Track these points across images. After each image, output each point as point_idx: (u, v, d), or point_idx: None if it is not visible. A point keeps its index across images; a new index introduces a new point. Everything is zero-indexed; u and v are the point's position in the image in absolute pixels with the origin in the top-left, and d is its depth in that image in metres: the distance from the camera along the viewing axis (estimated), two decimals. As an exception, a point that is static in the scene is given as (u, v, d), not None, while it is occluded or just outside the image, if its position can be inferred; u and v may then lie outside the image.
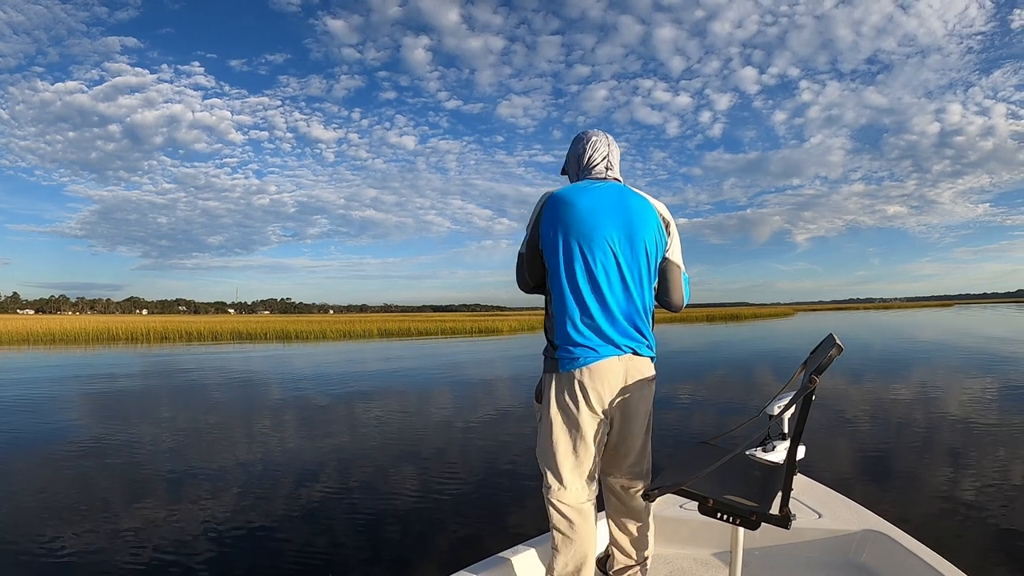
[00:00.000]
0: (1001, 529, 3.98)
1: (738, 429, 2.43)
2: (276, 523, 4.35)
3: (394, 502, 4.82)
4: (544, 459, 2.07)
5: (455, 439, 7.14)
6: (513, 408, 9.37)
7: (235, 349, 25.85)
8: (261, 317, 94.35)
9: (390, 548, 3.95)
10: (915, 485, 4.97)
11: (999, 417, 7.69)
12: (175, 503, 4.82)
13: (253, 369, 16.73)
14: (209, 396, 11.21)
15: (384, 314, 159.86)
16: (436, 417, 8.75)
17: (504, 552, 2.41)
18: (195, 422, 8.47)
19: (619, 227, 1.99)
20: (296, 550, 3.89)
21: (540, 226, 2.02)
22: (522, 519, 4.36)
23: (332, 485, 5.29)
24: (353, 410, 9.44)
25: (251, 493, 5.04)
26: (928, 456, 5.90)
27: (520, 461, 5.95)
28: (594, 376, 1.97)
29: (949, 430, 6.99)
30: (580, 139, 2.21)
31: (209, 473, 5.68)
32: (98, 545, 3.96)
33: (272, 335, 34.95)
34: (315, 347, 26.97)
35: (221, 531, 4.19)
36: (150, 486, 5.34)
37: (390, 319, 56.90)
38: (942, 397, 9.43)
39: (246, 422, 8.42)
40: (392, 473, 5.66)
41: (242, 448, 6.76)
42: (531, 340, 30.75)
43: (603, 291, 1.97)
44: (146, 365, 18.55)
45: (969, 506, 4.42)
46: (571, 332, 1.97)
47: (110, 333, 34.52)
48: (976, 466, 5.46)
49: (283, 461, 6.14)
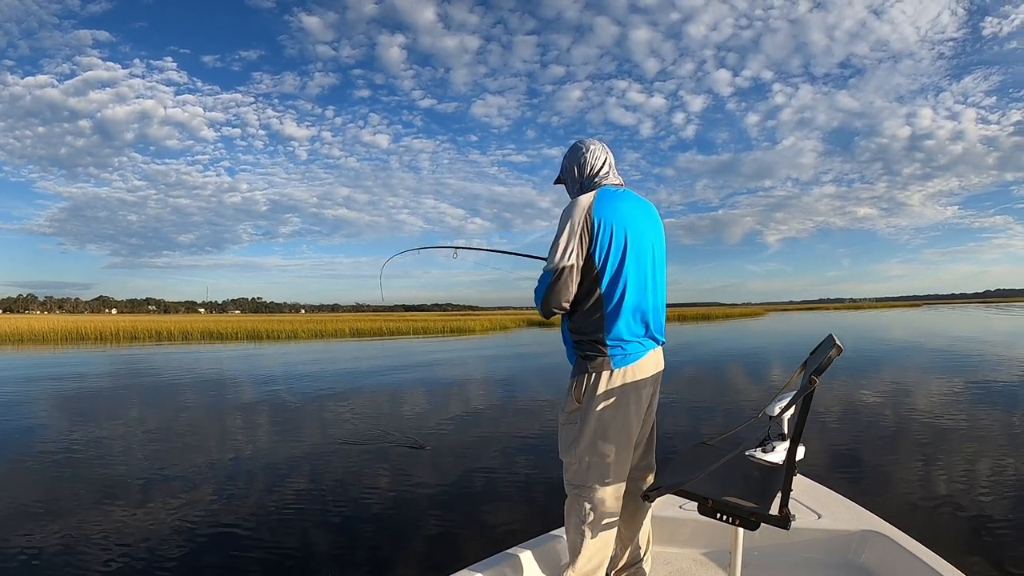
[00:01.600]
0: (1000, 528, 3.98)
1: (737, 430, 2.44)
2: (239, 525, 4.32)
3: (379, 501, 4.82)
4: (587, 458, 2.05)
5: (430, 439, 7.11)
6: (488, 408, 9.43)
7: (206, 349, 25.43)
8: (232, 316, 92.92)
9: (374, 549, 3.95)
10: (907, 483, 4.99)
11: (969, 416, 7.85)
12: (146, 504, 4.76)
13: (223, 369, 16.50)
14: (178, 397, 11.03)
15: (356, 314, 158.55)
16: (408, 418, 8.71)
17: (504, 552, 2.40)
18: (164, 424, 8.34)
19: (652, 232, 2.15)
20: (266, 550, 3.87)
21: (594, 231, 2.00)
22: (508, 519, 4.39)
23: (304, 487, 5.27)
24: (323, 411, 9.38)
25: (220, 495, 5.01)
26: (906, 451, 6.00)
27: (502, 460, 6.00)
28: (642, 370, 2.06)
29: (922, 428, 7.10)
30: (579, 149, 2.23)
31: (175, 475, 5.61)
32: (59, 546, 3.89)
33: (243, 335, 34.45)
34: (286, 347, 26.68)
35: (193, 533, 4.15)
36: (114, 487, 5.25)
37: (362, 319, 56.44)
38: (917, 396, 9.58)
39: (211, 425, 8.32)
40: (373, 473, 5.65)
41: (207, 452, 6.69)
42: (502, 340, 30.78)
43: (647, 290, 2.08)
44: (114, 365, 18.16)
45: (968, 505, 4.43)
46: (623, 330, 2.02)
47: (79, 333, 33.71)
48: (958, 462, 5.54)
49: (252, 463, 6.09)
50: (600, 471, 2.03)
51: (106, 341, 31.34)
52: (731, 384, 12.01)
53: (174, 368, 16.70)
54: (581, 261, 2.01)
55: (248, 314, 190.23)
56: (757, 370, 14.43)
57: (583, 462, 2.05)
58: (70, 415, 9.36)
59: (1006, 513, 4.27)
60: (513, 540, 2.55)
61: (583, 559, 2.04)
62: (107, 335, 33.02)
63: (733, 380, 12.64)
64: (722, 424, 7.48)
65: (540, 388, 11.86)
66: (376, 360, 19.18)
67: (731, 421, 7.75)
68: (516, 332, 39.90)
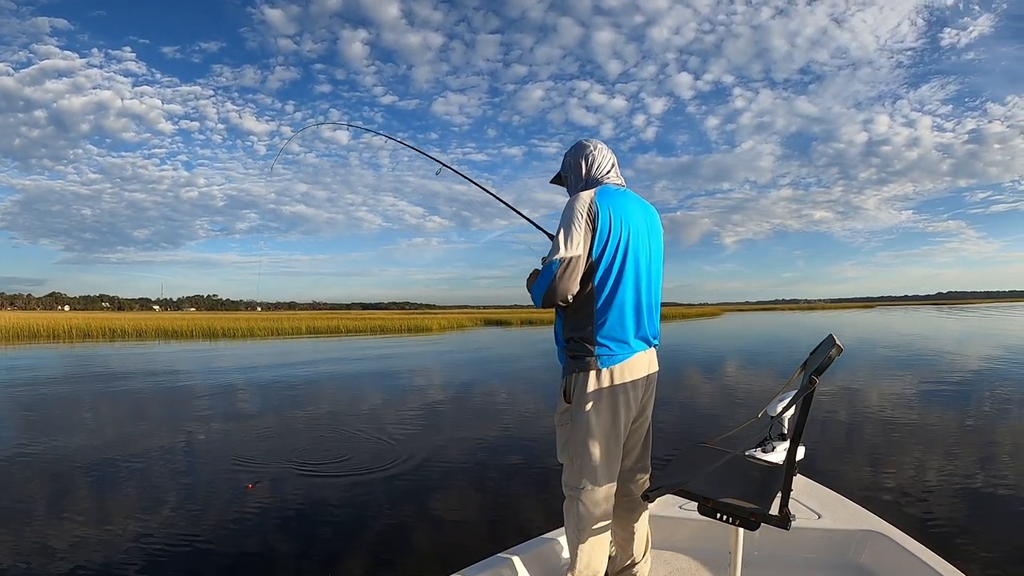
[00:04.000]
0: (1000, 528, 3.96)
1: (737, 430, 2.42)
2: (203, 532, 4.31)
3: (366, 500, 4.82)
4: (577, 457, 2.03)
5: (375, 442, 7.11)
6: (457, 411, 9.45)
7: (161, 347, 24.68)
8: (187, 314, 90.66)
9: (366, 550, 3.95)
10: (908, 483, 4.93)
11: (961, 414, 8.01)
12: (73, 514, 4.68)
13: (178, 369, 16.11)
14: (134, 398, 10.75)
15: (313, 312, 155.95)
16: (362, 421, 8.67)
17: (504, 552, 2.37)
18: (126, 428, 8.17)
19: (649, 233, 2.12)
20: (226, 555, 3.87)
21: (596, 228, 1.97)
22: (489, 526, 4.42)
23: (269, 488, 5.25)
24: (282, 409, 9.28)
25: (181, 506, 4.97)
26: (906, 451, 6.00)
27: (476, 462, 6.08)
28: (632, 371, 2.02)
29: (922, 427, 7.08)
30: (583, 148, 2.20)
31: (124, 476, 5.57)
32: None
33: (198, 333, 33.50)
34: (243, 345, 26.08)
35: (154, 539, 4.13)
36: (69, 490, 5.15)
37: (319, 317, 55.86)
38: (887, 397, 9.60)
39: (166, 424, 8.17)
40: (354, 475, 5.66)
41: (151, 449, 6.60)
42: (460, 339, 30.69)
43: (640, 291, 2.05)
44: (67, 364, 17.48)
45: (968, 504, 4.42)
46: (613, 328, 1.98)
47: (31, 330, 32.62)
48: (958, 462, 5.51)
49: (204, 468, 6.03)
50: (590, 472, 2.00)
51: (59, 339, 30.23)
52: (687, 388, 12.12)
53: (127, 368, 16.17)
54: (586, 252, 1.97)
55: (204, 312, 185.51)
56: (712, 372, 14.65)
57: (574, 463, 2.04)
58: (15, 416, 8.93)
59: (1006, 513, 4.25)
60: (512, 541, 2.53)
61: (582, 561, 2.03)
62: (60, 333, 31.92)
63: (690, 384, 12.75)
64: (736, 424, 7.45)
65: (510, 391, 11.89)
66: (332, 362, 19.01)
67: (742, 421, 7.67)
68: (474, 331, 39.82)
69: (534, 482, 5.29)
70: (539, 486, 5.11)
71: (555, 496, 2.23)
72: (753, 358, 17.25)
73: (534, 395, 10.61)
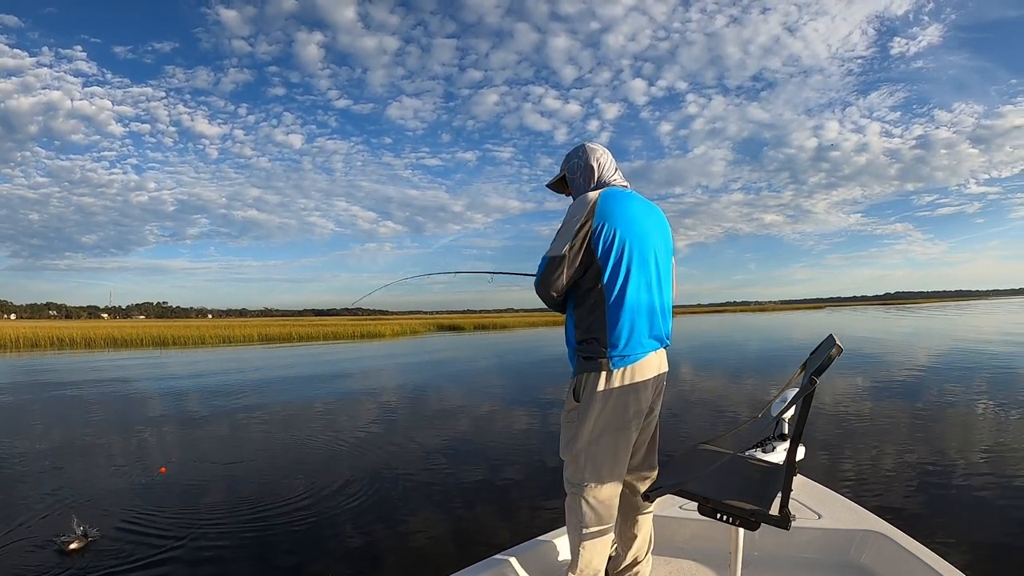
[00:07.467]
0: (1000, 528, 3.94)
1: (737, 430, 2.46)
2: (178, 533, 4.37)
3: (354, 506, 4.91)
4: (584, 456, 1.99)
5: (325, 449, 7.25)
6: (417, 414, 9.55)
7: (110, 357, 23.95)
8: (136, 322, 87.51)
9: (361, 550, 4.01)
10: (908, 483, 4.87)
11: (966, 412, 8.03)
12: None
13: (129, 378, 15.68)
14: (85, 410, 10.54)
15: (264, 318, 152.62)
16: (316, 429, 8.68)
17: (504, 552, 2.35)
18: (81, 439, 8.03)
19: (659, 234, 2.09)
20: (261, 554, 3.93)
21: (596, 226, 1.94)
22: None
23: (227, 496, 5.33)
24: (235, 419, 9.26)
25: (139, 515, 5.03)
26: (905, 451, 5.83)
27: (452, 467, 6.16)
28: (643, 371, 1.98)
29: (921, 428, 6.96)
30: (591, 150, 2.15)
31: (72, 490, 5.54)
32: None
33: (148, 341, 32.57)
34: (193, 353, 25.48)
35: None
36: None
37: (271, 323, 54.73)
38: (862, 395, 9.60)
39: (117, 438, 8.05)
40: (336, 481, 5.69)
41: (103, 468, 6.59)
42: (413, 344, 30.52)
43: (652, 291, 2.01)
44: (12, 375, 16.94)
45: (968, 504, 4.40)
46: (625, 329, 1.94)
47: (-27, 341, 31.30)
48: (958, 461, 5.43)
49: (159, 479, 6.00)
50: (596, 470, 1.97)
51: (5, 349, 29.04)
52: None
53: (76, 380, 15.73)
54: (580, 253, 1.95)
55: (153, 319, 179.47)
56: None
57: (580, 461, 2.00)
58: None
59: (1006, 513, 4.21)
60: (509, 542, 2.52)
61: (583, 560, 2.00)
62: (6, 342, 30.56)
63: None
64: (736, 425, 7.08)
65: (473, 394, 11.95)
66: (284, 368, 18.82)
67: (742, 422, 7.78)
68: (427, 336, 39.68)
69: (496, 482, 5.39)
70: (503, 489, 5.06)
71: (534, 497, 2.17)
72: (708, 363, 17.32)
73: (497, 399, 10.75)
